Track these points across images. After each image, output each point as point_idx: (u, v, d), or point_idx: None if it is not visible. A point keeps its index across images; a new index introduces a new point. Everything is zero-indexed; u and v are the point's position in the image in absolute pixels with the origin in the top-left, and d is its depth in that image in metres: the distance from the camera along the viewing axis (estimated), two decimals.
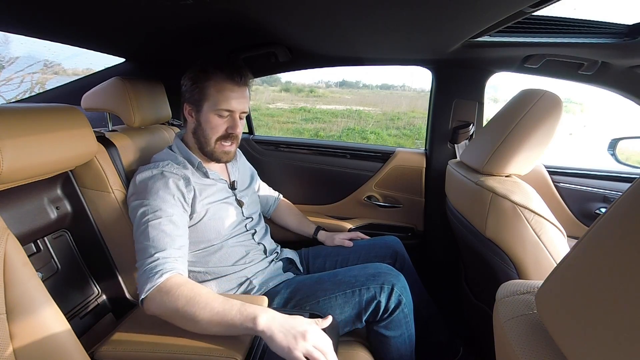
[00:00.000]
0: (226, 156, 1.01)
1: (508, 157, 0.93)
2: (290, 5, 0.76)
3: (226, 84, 0.95)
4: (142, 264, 0.79)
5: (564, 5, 0.77)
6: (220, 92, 0.94)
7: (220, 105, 0.94)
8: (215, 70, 0.95)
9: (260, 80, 8.51)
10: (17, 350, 0.55)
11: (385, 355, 0.93)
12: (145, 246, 0.81)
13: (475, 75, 1.40)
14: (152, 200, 0.86)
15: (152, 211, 0.85)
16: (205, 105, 0.96)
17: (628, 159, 1.39)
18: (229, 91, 0.95)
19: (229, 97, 0.95)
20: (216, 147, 0.99)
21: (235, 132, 0.98)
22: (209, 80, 0.95)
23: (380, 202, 1.55)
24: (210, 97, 0.95)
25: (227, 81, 0.95)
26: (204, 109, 0.96)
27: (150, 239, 0.81)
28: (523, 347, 0.38)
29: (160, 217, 0.84)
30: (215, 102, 0.95)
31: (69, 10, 0.78)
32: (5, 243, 0.57)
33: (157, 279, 0.75)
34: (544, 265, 0.85)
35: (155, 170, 0.93)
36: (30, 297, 0.57)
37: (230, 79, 0.95)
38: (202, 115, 0.97)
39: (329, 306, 0.90)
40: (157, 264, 0.77)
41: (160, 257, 0.79)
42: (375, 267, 0.96)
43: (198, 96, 0.96)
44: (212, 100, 0.95)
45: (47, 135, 0.73)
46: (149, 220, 0.83)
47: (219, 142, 0.99)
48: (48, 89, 1.51)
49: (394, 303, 0.89)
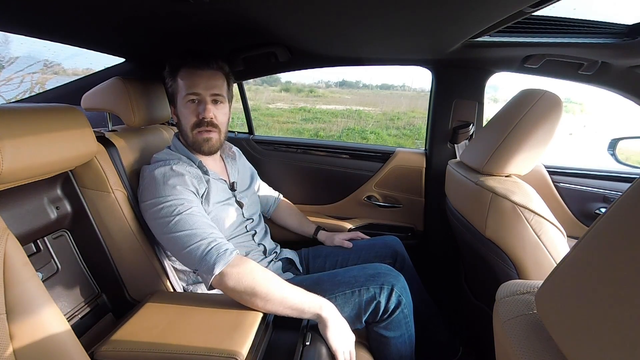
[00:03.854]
0: (207, 144, 0.99)
1: (508, 157, 0.93)
2: (290, 5, 0.76)
3: (190, 70, 0.96)
4: (197, 246, 0.80)
5: (564, 5, 0.77)
6: (185, 78, 0.96)
7: (187, 90, 0.96)
8: (179, 62, 0.97)
9: (260, 80, 8.51)
10: (17, 350, 0.55)
11: (386, 356, 0.93)
12: (189, 233, 0.82)
13: (475, 75, 1.40)
14: (173, 195, 0.87)
15: (179, 204, 0.86)
16: (178, 97, 0.98)
17: (628, 159, 1.39)
18: (193, 76, 0.96)
19: (193, 82, 0.95)
20: (195, 136, 0.99)
21: (205, 115, 0.96)
22: (177, 73, 0.97)
23: (380, 202, 1.55)
24: (180, 87, 0.97)
25: (190, 68, 0.96)
26: (178, 103, 0.99)
27: (191, 226, 0.83)
28: (523, 347, 0.38)
29: (191, 207, 0.86)
30: (184, 90, 0.96)
31: (69, 10, 0.78)
32: (5, 243, 0.57)
33: (228, 256, 0.79)
34: (544, 265, 0.85)
35: (166, 168, 0.92)
36: (30, 297, 0.57)
37: (193, 65, 0.96)
38: (178, 108, 1.00)
39: None
40: (219, 244, 0.80)
41: (217, 237, 0.82)
42: (374, 268, 0.96)
43: (172, 90, 1.00)
44: (181, 89, 0.97)
45: (47, 135, 0.73)
46: (181, 212, 0.84)
47: (195, 130, 0.98)
48: (48, 89, 1.51)
49: (393, 304, 0.89)
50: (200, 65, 0.96)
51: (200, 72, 0.96)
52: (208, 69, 0.97)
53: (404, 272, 1.16)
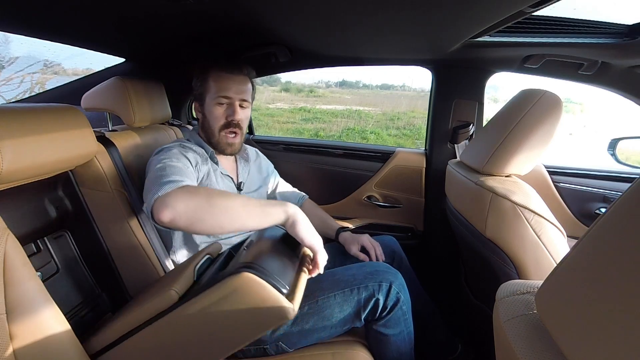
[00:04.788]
0: (230, 148, 1.06)
1: (508, 157, 0.93)
2: (291, 5, 0.76)
3: (223, 74, 1.02)
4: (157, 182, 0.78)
5: (564, 5, 0.77)
6: (217, 81, 1.01)
7: (219, 92, 1.01)
8: (213, 64, 1.03)
9: (260, 80, 8.48)
10: (17, 350, 0.55)
11: (385, 354, 0.93)
12: (160, 174, 0.81)
13: (475, 75, 1.40)
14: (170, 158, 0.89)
15: (169, 159, 0.87)
16: (207, 97, 1.03)
17: (628, 159, 1.39)
18: (226, 79, 1.01)
19: (226, 85, 1.01)
20: (221, 138, 1.04)
21: (234, 118, 1.02)
22: (209, 73, 1.02)
23: (380, 202, 1.55)
24: (210, 88, 1.02)
25: (223, 71, 1.02)
26: (206, 101, 1.03)
27: (167, 170, 0.82)
28: (523, 347, 0.38)
29: (179, 162, 0.88)
30: (214, 92, 1.01)
31: (69, 11, 0.78)
32: (5, 243, 0.57)
33: (179, 183, 0.76)
34: (544, 265, 0.85)
35: (174, 144, 0.97)
36: (30, 297, 0.57)
37: (226, 69, 1.02)
38: (205, 107, 1.04)
39: (328, 305, 0.90)
40: (176, 179, 0.78)
41: (179, 178, 0.80)
42: (372, 266, 0.96)
43: (201, 90, 1.04)
44: (212, 90, 1.02)
45: (47, 135, 0.72)
46: (165, 161, 0.86)
47: (223, 131, 1.04)
48: (48, 89, 1.51)
49: (392, 301, 0.89)
50: (233, 70, 1.02)
51: (232, 77, 1.02)
52: (239, 75, 1.03)
53: (401, 271, 1.15)
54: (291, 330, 0.89)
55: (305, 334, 0.90)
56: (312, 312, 0.89)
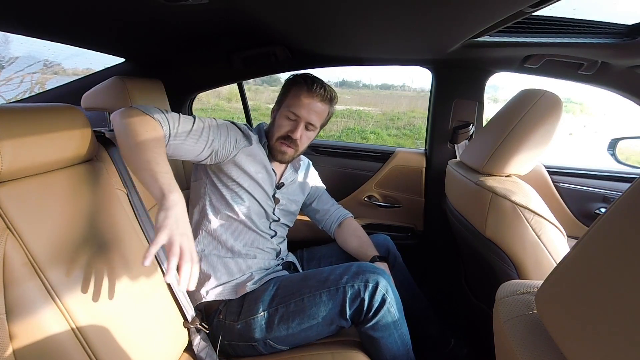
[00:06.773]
0: (281, 155, 1.08)
1: (508, 157, 0.93)
2: (290, 5, 0.76)
3: (302, 92, 1.04)
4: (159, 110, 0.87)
5: (564, 5, 0.77)
6: (295, 97, 1.05)
7: (290, 107, 1.04)
8: (300, 80, 1.06)
9: (260, 80, 8.49)
10: (17, 350, 0.55)
11: (379, 356, 0.92)
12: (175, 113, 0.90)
13: (475, 75, 1.40)
14: (205, 118, 0.96)
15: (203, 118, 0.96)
16: (282, 105, 1.08)
17: (628, 159, 1.39)
18: (302, 98, 1.04)
19: (300, 103, 1.04)
20: (276, 144, 1.07)
21: (293, 135, 1.04)
22: (293, 86, 1.07)
23: (380, 202, 1.55)
24: (287, 99, 1.06)
25: (304, 89, 1.04)
26: (280, 109, 1.08)
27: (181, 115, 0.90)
28: (523, 347, 0.38)
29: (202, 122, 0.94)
30: (288, 105, 1.05)
31: (69, 10, 0.78)
32: (4, 243, 0.57)
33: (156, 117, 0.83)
34: (544, 265, 0.85)
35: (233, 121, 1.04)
36: (30, 297, 0.57)
37: (307, 89, 1.04)
38: (277, 113, 1.09)
39: (314, 303, 0.89)
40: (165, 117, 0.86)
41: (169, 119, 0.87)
42: (360, 265, 0.94)
43: (281, 97, 1.09)
44: (287, 102, 1.06)
45: (47, 135, 0.72)
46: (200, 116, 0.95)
47: (279, 140, 1.07)
48: (48, 89, 1.51)
49: (377, 302, 0.87)
50: (314, 92, 1.04)
51: (309, 98, 1.04)
52: (317, 98, 1.05)
53: (395, 269, 1.16)
54: (278, 328, 0.89)
55: (292, 332, 0.90)
56: (298, 310, 0.89)
